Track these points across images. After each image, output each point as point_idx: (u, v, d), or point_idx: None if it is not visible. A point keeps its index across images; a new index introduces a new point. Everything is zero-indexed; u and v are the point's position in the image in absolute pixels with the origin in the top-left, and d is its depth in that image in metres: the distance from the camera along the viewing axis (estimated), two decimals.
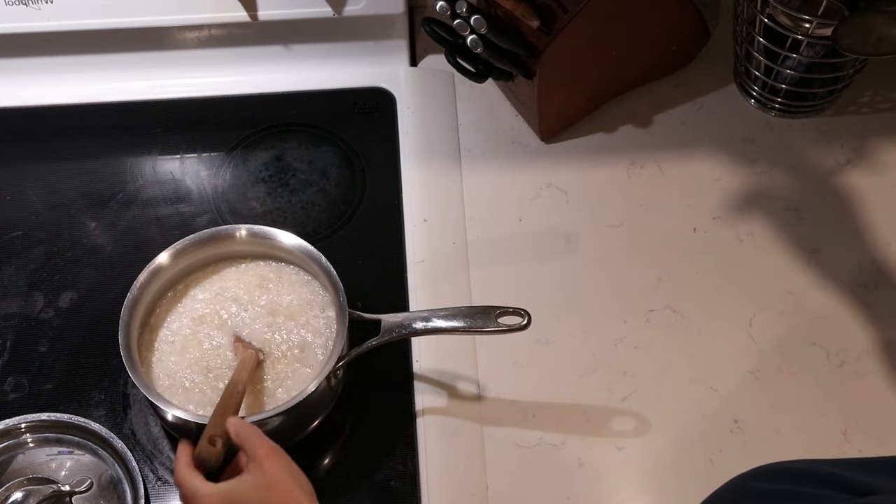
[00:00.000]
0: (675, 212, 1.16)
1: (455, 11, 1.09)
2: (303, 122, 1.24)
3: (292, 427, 0.95)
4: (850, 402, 1.00)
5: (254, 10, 1.22)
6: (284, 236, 1.01)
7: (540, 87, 1.14)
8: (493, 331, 0.94)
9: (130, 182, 1.19)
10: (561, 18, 1.09)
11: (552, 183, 1.17)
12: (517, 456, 0.98)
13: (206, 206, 1.16)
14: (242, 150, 1.22)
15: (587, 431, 0.99)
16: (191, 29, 1.25)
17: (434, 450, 0.97)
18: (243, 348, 0.97)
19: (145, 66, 1.27)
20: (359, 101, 1.26)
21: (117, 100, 1.26)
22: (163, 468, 0.97)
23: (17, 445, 0.96)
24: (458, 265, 1.10)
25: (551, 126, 1.21)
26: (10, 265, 1.12)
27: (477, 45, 1.10)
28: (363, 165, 1.20)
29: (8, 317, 1.08)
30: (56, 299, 1.09)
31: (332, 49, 1.28)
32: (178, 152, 1.22)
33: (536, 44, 1.11)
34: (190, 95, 1.27)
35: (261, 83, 1.27)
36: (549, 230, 1.14)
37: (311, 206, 1.16)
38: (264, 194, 1.17)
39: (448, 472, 0.96)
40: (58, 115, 1.25)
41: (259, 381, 0.96)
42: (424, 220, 1.14)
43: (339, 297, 0.96)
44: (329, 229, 1.14)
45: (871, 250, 1.10)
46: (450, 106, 1.25)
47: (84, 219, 1.16)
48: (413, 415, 1.00)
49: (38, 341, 1.06)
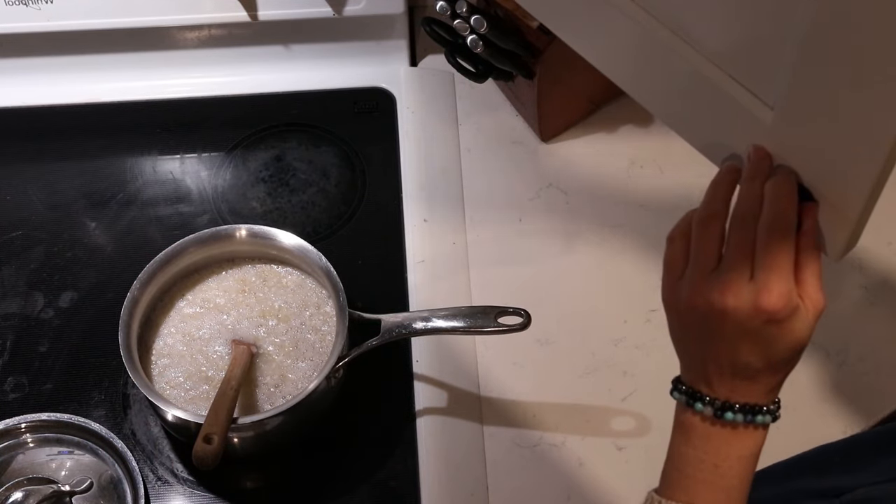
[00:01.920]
0: (675, 212, 1.15)
1: (455, 11, 1.09)
2: (303, 122, 1.24)
3: (292, 427, 0.95)
4: (850, 402, 1.00)
5: (254, 10, 1.22)
6: (284, 236, 1.01)
7: (540, 87, 1.14)
8: (493, 331, 0.94)
9: (130, 182, 1.19)
10: None
11: (552, 183, 1.17)
12: (517, 456, 0.98)
13: (206, 206, 1.16)
14: (242, 150, 1.22)
15: (587, 431, 0.99)
16: (191, 29, 1.25)
17: (434, 450, 0.97)
18: (236, 344, 0.97)
19: (145, 66, 1.27)
20: (359, 101, 1.26)
21: (117, 100, 1.26)
22: (163, 468, 0.97)
23: (17, 445, 0.96)
24: (458, 265, 1.10)
25: (551, 126, 1.21)
26: (10, 265, 1.12)
27: (477, 45, 1.10)
28: (363, 165, 1.20)
29: (8, 317, 1.08)
30: (56, 299, 1.09)
31: (332, 49, 1.28)
32: (178, 152, 1.22)
33: (536, 44, 1.11)
34: (190, 95, 1.27)
35: (261, 83, 1.27)
36: (549, 230, 1.14)
37: (311, 206, 1.16)
38: (264, 194, 1.17)
39: (448, 472, 0.96)
40: (58, 115, 1.25)
41: (257, 381, 0.96)
42: (424, 220, 1.14)
43: (340, 297, 0.96)
44: (329, 229, 1.14)
45: (871, 250, 1.10)
46: (450, 106, 1.25)
47: (84, 219, 1.16)
48: (413, 415, 1.00)
49: (38, 341, 1.06)
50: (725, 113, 0.65)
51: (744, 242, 0.62)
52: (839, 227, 0.62)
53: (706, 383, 0.64)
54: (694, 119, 0.70)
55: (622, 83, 0.76)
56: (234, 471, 0.97)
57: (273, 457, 0.98)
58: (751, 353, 0.62)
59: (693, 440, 0.65)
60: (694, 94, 0.67)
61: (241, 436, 0.94)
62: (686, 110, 0.71)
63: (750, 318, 0.61)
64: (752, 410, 0.64)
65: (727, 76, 0.63)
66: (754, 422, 0.64)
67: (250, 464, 0.99)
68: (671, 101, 0.72)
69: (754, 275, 0.61)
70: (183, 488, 0.96)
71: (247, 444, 0.95)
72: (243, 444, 0.95)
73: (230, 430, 0.89)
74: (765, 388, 0.64)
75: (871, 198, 0.58)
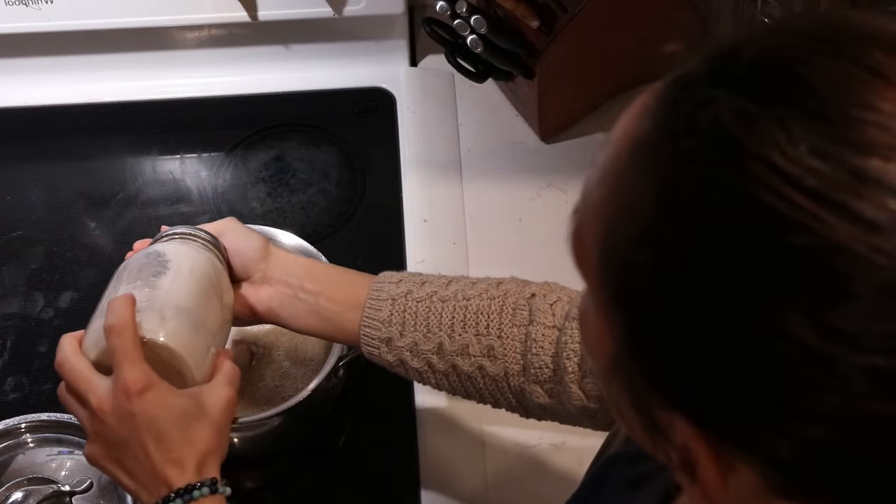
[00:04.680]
0: None
1: (455, 11, 1.09)
2: (303, 122, 1.24)
3: (292, 427, 0.95)
4: None
5: (254, 10, 1.22)
6: (284, 236, 1.01)
7: (540, 87, 1.14)
8: None
9: (130, 182, 1.19)
10: (561, 18, 1.09)
11: (552, 183, 1.17)
12: (517, 456, 0.98)
13: (206, 206, 1.16)
14: (242, 150, 1.22)
15: (587, 431, 0.99)
16: (191, 29, 1.25)
17: (434, 450, 0.97)
18: (236, 344, 0.97)
19: (145, 66, 1.27)
20: (359, 101, 1.26)
21: (117, 100, 1.26)
22: None
23: (17, 445, 0.96)
24: (458, 265, 1.10)
25: (551, 126, 1.21)
26: (10, 265, 1.11)
27: (477, 45, 1.10)
28: (363, 165, 1.20)
29: (8, 317, 1.07)
30: (56, 299, 1.09)
31: (332, 49, 1.28)
32: (178, 152, 1.22)
33: (536, 44, 1.11)
34: (190, 95, 1.27)
35: (261, 83, 1.27)
36: (549, 230, 1.13)
37: (311, 206, 1.16)
38: (264, 194, 1.17)
39: (448, 472, 0.96)
40: (58, 115, 1.25)
41: (257, 381, 0.96)
42: (424, 221, 1.14)
43: None
44: (329, 229, 1.14)
45: None
46: (450, 106, 1.25)
47: (84, 219, 1.16)
48: (413, 415, 1.00)
49: (38, 341, 1.06)
50: None
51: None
52: None
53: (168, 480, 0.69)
54: None
55: None
56: (234, 471, 0.97)
57: (273, 457, 0.98)
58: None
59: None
60: None
61: (241, 436, 0.94)
62: None
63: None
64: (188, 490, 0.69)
65: None
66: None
67: (250, 464, 0.99)
68: None
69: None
70: None
71: (247, 444, 0.95)
72: (243, 444, 0.95)
73: (230, 430, 0.89)
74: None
75: None
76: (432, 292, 0.79)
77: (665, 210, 0.40)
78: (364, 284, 0.81)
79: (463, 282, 0.81)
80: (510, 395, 0.79)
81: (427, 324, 0.78)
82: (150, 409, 0.68)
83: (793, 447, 0.40)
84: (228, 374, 0.75)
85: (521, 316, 0.77)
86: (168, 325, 0.74)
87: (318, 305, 0.81)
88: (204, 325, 0.76)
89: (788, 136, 0.38)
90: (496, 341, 0.77)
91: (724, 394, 0.40)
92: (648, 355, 0.43)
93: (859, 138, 0.37)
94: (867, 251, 0.36)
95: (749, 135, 0.38)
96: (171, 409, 0.69)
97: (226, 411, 0.73)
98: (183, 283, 0.77)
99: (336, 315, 0.81)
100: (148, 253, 0.81)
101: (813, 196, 0.37)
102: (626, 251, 0.42)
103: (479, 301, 0.78)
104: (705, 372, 0.41)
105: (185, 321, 0.75)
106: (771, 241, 0.38)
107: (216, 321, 0.78)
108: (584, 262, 0.47)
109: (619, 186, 0.43)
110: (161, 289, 0.76)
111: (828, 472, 0.40)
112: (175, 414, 0.69)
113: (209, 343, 0.76)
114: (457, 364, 0.78)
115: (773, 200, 0.37)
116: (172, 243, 0.82)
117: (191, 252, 0.80)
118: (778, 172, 0.37)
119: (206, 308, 0.77)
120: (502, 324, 0.77)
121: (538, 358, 0.76)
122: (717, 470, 0.42)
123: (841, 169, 0.37)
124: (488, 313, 0.77)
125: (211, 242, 0.82)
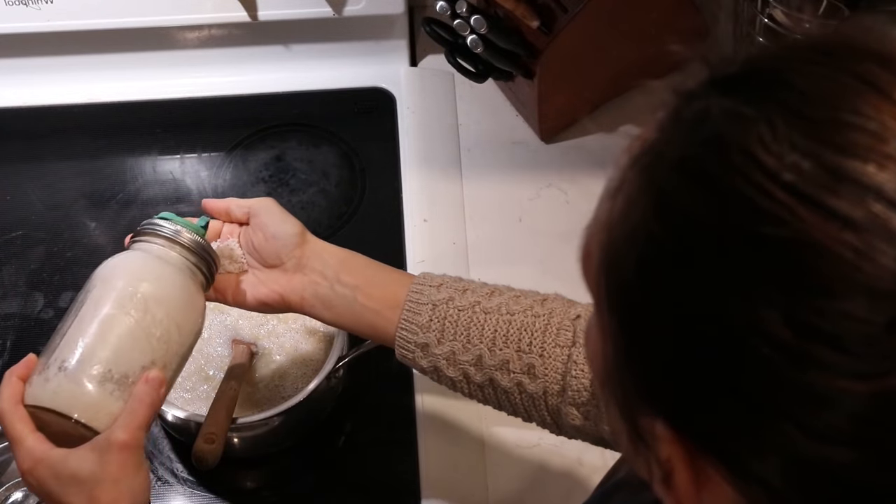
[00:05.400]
0: None
1: (455, 11, 1.09)
2: (303, 122, 1.24)
3: (292, 427, 0.95)
4: None
5: (254, 10, 1.22)
6: None
7: (540, 87, 1.14)
8: None
9: (130, 182, 1.19)
10: (561, 18, 1.09)
11: (552, 183, 1.17)
12: (517, 456, 0.98)
13: None
14: (242, 150, 1.22)
15: None
16: (191, 29, 1.25)
17: (434, 450, 0.97)
18: (236, 344, 0.97)
19: (145, 66, 1.27)
20: (359, 101, 1.26)
21: (117, 100, 1.26)
22: (163, 468, 0.97)
23: None
24: (458, 265, 1.10)
25: (551, 126, 1.21)
26: (10, 265, 1.12)
27: (477, 45, 1.10)
28: (363, 165, 1.20)
29: (8, 317, 1.08)
30: (56, 299, 1.09)
31: (332, 49, 1.28)
32: (178, 152, 1.22)
33: (536, 44, 1.11)
34: (190, 95, 1.27)
35: (261, 83, 1.27)
36: (549, 230, 1.13)
37: (311, 206, 1.16)
38: (264, 194, 1.17)
39: (448, 472, 0.96)
40: (58, 115, 1.25)
41: (257, 381, 0.96)
42: (424, 220, 1.14)
43: None
44: (329, 229, 1.14)
45: None
46: (450, 106, 1.25)
47: (84, 219, 1.16)
48: (413, 415, 1.00)
49: (38, 341, 1.05)
50: None
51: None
52: None
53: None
54: None
55: None
56: (234, 471, 0.97)
57: (273, 457, 0.98)
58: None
59: None
60: None
61: (241, 436, 0.94)
62: None
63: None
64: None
65: None
66: None
67: (250, 464, 0.99)
68: None
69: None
70: (183, 488, 0.96)
71: (247, 444, 0.95)
72: (243, 444, 0.95)
73: (230, 430, 0.89)
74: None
75: None
76: (475, 302, 0.78)
77: (653, 204, 0.41)
78: (403, 284, 0.79)
79: (507, 294, 0.79)
80: (546, 413, 0.78)
81: (468, 334, 0.77)
82: (43, 482, 0.69)
83: (767, 455, 0.39)
84: (125, 417, 0.70)
85: (565, 337, 0.76)
86: (49, 386, 0.70)
87: (355, 301, 0.79)
88: (109, 367, 0.71)
89: (774, 133, 0.38)
90: (537, 360, 0.76)
91: (698, 391, 0.40)
92: (635, 359, 0.43)
93: (842, 140, 0.38)
94: (840, 248, 0.36)
95: (736, 130, 0.39)
96: (60, 480, 0.69)
97: (118, 458, 0.69)
98: (91, 321, 0.72)
99: (372, 313, 0.79)
100: (93, 275, 0.76)
101: (791, 190, 0.37)
102: (619, 250, 0.43)
103: (523, 317, 0.77)
104: (682, 368, 0.41)
105: (74, 375, 0.70)
106: (747, 231, 0.38)
107: (138, 354, 0.72)
108: (589, 272, 0.47)
109: (622, 192, 0.44)
110: (60, 334, 0.73)
111: (804, 488, 0.39)
112: (66, 482, 0.69)
113: (114, 386, 0.71)
114: (495, 378, 0.77)
115: (752, 192, 0.38)
116: (126, 255, 0.78)
117: (132, 268, 0.76)
118: (759, 166, 0.38)
119: (119, 345, 0.72)
120: (545, 343, 0.76)
121: (577, 381, 0.74)
122: (689, 475, 0.42)
123: (820, 166, 0.37)
124: (532, 331, 0.76)
125: (186, 246, 0.77)
